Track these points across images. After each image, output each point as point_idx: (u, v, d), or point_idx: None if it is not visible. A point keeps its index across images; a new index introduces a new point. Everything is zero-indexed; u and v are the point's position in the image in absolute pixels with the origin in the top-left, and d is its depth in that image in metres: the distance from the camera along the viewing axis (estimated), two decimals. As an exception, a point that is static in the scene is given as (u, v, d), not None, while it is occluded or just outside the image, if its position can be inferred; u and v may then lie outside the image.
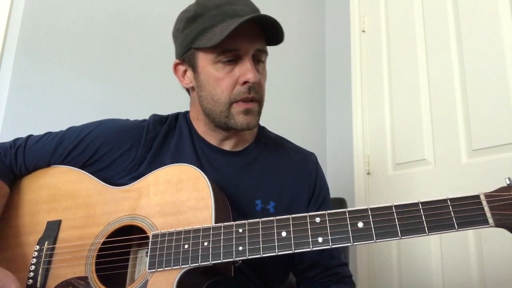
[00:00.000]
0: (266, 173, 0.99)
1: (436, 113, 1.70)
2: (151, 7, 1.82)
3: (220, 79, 0.89)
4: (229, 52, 0.88)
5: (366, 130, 2.05)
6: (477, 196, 0.64)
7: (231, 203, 0.87)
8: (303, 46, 2.36)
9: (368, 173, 2.00)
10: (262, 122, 1.13)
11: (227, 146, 1.00)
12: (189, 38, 0.90)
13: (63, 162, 0.97)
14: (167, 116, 1.05)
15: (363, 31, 2.17)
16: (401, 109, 1.88)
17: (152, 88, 1.71)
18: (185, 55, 0.94)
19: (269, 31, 0.90)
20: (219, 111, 0.91)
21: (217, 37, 0.84)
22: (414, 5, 1.88)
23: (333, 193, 2.14)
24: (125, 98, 1.72)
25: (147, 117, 1.06)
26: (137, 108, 1.71)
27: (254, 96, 0.91)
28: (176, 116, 1.06)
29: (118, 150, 0.96)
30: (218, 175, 0.94)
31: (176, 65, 0.99)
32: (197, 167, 0.90)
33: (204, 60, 0.91)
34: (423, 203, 0.65)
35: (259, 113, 0.94)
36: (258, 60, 0.92)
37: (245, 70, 0.88)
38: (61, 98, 1.59)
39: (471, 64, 1.57)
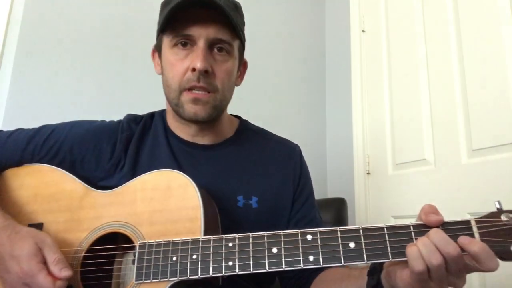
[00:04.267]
0: (247, 167, 0.95)
1: (436, 113, 1.69)
2: (151, 6, 1.82)
3: (173, 64, 0.87)
4: (182, 36, 0.86)
5: (366, 130, 2.04)
6: (468, 222, 0.64)
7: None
8: (303, 46, 2.36)
9: (368, 173, 1.99)
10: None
11: (203, 141, 0.96)
12: (159, 23, 0.90)
13: (33, 160, 0.91)
14: (142, 116, 1.01)
15: (363, 31, 2.15)
16: (401, 109, 1.86)
17: (152, 87, 1.71)
18: (157, 41, 0.94)
19: (227, 21, 0.86)
20: (172, 97, 0.89)
21: (163, 21, 0.84)
22: (414, 5, 1.87)
23: (333, 193, 2.16)
24: (125, 97, 1.71)
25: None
26: (137, 107, 1.70)
27: (204, 85, 0.86)
28: (152, 115, 1.02)
29: (93, 151, 0.92)
30: (196, 171, 0.90)
31: (153, 52, 0.98)
32: (174, 165, 0.89)
33: (165, 44, 0.90)
34: (414, 226, 0.65)
35: (214, 106, 0.89)
36: (220, 48, 0.88)
37: (195, 56, 0.85)
38: (61, 98, 1.59)
39: (471, 64, 1.56)
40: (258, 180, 0.94)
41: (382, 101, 1.97)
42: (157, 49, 0.94)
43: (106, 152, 0.92)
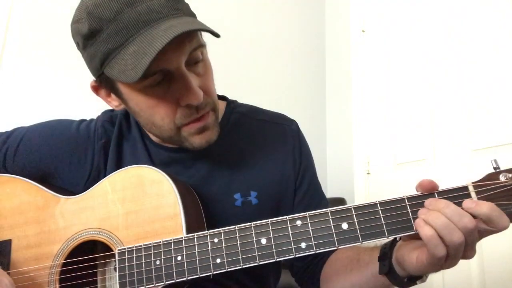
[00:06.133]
0: (240, 158, 0.82)
1: (436, 113, 1.69)
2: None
3: (154, 106, 0.70)
4: (154, 75, 0.66)
5: (366, 130, 2.04)
6: (465, 188, 0.58)
7: (206, 204, 0.75)
8: (303, 46, 2.36)
9: (368, 173, 1.98)
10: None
11: None
12: (96, 62, 0.68)
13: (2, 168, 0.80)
14: (117, 115, 0.87)
15: (363, 31, 2.15)
16: (401, 109, 1.86)
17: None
18: (100, 79, 0.72)
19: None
20: (168, 136, 0.74)
21: (131, 73, 0.62)
22: (414, 5, 1.88)
23: (333, 193, 2.15)
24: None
25: None
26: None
27: (204, 111, 0.72)
28: (127, 113, 0.87)
29: (68, 165, 0.81)
30: (184, 176, 0.79)
31: (94, 88, 0.76)
32: None
33: (126, 88, 0.70)
34: (409, 198, 0.60)
35: (216, 119, 0.76)
36: (196, 61, 0.71)
37: (183, 91, 0.68)
38: (55, 96, 1.59)
39: (471, 64, 1.56)
40: (255, 171, 0.82)
41: (382, 101, 1.96)
42: (111, 89, 0.73)
43: (84, 165, 0.81)
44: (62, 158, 0.81)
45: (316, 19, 2.41)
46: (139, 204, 0.71)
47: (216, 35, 0.66)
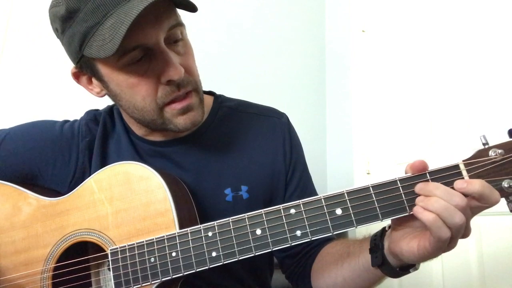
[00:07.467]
0: (230, 152, 0.82)
1: (435, 113, 1.69)
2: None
3: (135, 85, 0.69)
4: (133, 51, 0.66)
5: (366, 130, 2.04)
6: (456, 166, 0.58)
7: (195, 200, 0.74)
8: (303, 46, 2.35)
9: (368, 173, 1.98)
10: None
11: (176, 135, 0.82)
12: (75, 44, 0.67)
13: None
14: (101, 112, 0.87)
15: (363, 31, 2.15)
16: (401, 109, 1.85)
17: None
18: (80, 63, 0.72)
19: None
20: (150, 119, 0.73)
21: (109, 45, 0.62)
22: (414, 5, 1.88)
23: (333, 193, 2.15)
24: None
25: None
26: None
27: (187, 89, 0.72)
28: (110, 111, 0.87)
29: (52, 165, 0.80)
30: (172, 171, 0.78)
31: (76, 75, 0.76)
32: None
33: (106, 68, 0.69)
34: (401, 180, 0.60)
35: (201, 102, 0.75)
36: (176, 40, 0.71)
37: (163, 67, 0.68)
38: (51, 93, 1.59)
39: (471, 64, 1.56)
40: (245, 165, 0.81)
41: (382, 101, 1.96)
42: (91, 73, 0.73)
43: (68, 165, 0.81)
44: (46, 159, 0.80)
45: (316, 19, 2.41)
46: (128, 202, 0.69)
47: (193, 6, 0.66)
